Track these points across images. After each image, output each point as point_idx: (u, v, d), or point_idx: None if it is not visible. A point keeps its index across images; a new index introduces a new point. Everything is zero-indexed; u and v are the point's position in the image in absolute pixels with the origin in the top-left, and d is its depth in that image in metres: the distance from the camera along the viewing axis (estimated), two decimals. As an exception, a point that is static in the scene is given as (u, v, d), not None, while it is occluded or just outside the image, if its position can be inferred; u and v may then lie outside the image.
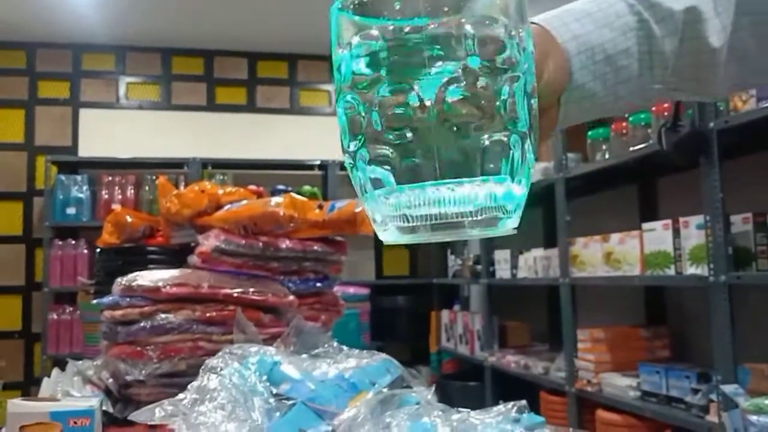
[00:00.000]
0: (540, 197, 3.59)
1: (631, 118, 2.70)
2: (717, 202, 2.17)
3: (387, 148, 0.39)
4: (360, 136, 0.40)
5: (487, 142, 0.39)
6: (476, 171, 0.39)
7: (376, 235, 0.45)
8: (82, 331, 2.79)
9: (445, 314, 4.89)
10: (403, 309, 5.14)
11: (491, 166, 0.39)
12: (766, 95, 2.01)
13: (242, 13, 4.70)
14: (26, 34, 4.90)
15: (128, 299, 1.21)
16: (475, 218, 0.39)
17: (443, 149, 0.38)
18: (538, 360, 3.53)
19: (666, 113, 2.45)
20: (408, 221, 0.39)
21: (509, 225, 0.41)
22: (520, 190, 0.41)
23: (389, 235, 0.41)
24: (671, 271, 2.44)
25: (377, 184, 0.40)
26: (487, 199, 0.39)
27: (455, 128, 0.38)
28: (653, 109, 2.58)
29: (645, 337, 2.94)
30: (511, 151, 0.39)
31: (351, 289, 4.40)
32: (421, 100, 0.38)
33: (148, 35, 5.03)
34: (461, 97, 0.38)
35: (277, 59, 5.48)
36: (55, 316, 4.49)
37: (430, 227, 0.39)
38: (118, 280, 1.27)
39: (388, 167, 0.39)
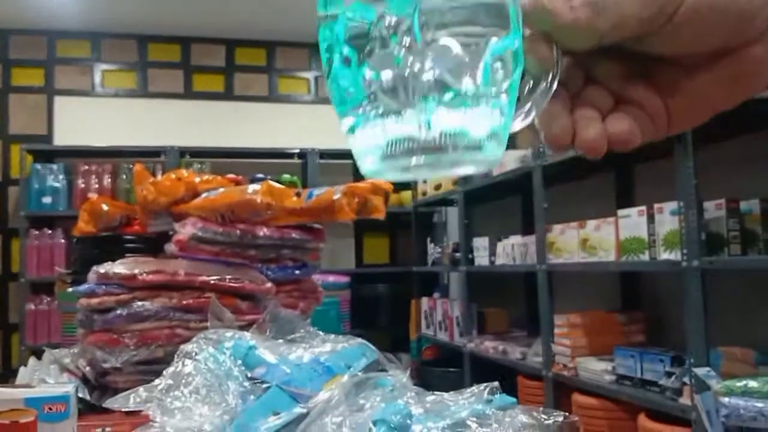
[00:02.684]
0: (518, 185, 3.62)
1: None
2: (691, 188, 2.20)
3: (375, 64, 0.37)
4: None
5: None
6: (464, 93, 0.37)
7: (355, 223, 0.43)
8: (60, 321, 2.77)
9: (425, 302, 4.92)
10: (383, 297, 5.16)
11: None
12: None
13: (220, -1, 4.66)
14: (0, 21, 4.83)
15: (104, 287, 1.20)
16: (459, 142, 0.37)
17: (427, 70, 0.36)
18: (516, 345, 3.56)
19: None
20: (389, 148, 0.37)
21: (493, 152, 0.39)
22: (500, 117, 0.39)
23: (370, 165, 0.39)
24: (645, 257, 2.47)
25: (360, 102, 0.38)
26: (473, 123, 0.37)
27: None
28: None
29: (620, 322, 2.98)
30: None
31: (331, 278, 4.40)
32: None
33: (124, 22, 4.98)
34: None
35: (256, 46, 5.45)
36: (32, 307, 4.46)
37: (409, 152, 0.37)
38: (95, 268, 1.26)
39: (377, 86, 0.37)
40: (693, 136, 2.20)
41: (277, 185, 1.53)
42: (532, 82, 0.42)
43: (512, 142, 3.60)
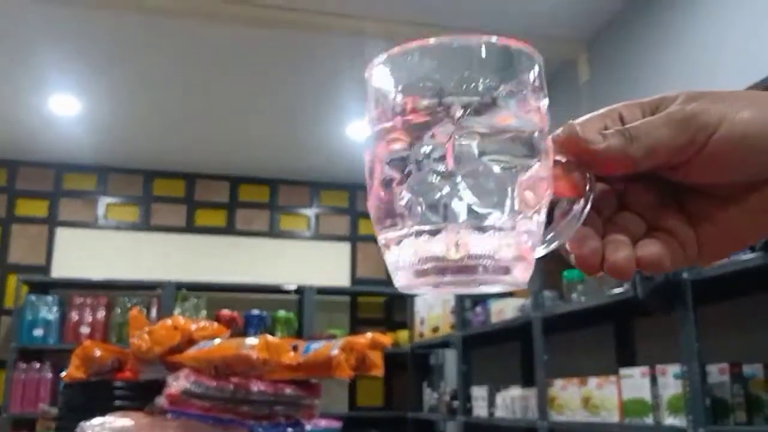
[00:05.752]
0: (517, 331, 3.57)
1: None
2: (693, 352, 2.17)
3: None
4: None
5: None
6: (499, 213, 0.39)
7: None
8: (39, 463, 2.65)
9: (420, 450, 4.73)
10: (377, 444, 4.97)
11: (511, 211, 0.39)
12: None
13: (225, 137, 4.81)
14: (8, 152, 4.95)
15: (89, 451, 1.15)
16: (488, 264, 0.38)
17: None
18: (514, 504, 3.39)
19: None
20: (421, 265, 0.39)
21: (522, 275, 0.40)
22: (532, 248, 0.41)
23: (403, 280, 0.40)
24: (650, 420, 2.40)
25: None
26: (501, 247, 0.39)
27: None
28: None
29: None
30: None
31: (323, 422, 4.26)
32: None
33: (131, 157, 5.11)
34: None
35: (259, 183, 5.55)
36: (11, 443, 4.29)
37: (440, 271, 0.39)
38: (82, 425, 1.21)
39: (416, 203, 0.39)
40: (693, 299, 2.19)
41: (274, 339, 1.50)
42: (564, 207, 0.43)
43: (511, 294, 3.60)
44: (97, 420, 1.21)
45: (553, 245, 0.43)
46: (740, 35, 2.65)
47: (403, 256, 0.40)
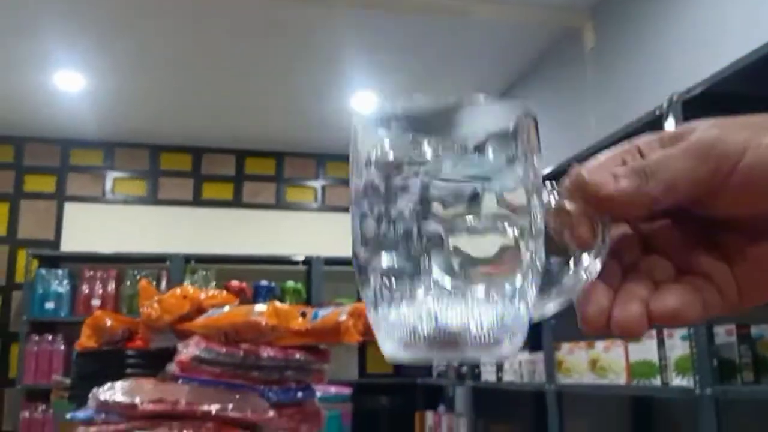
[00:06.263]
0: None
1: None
2: (700, 312, 2.17)
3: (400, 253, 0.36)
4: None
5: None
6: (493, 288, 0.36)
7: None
8: (54, 432, 2.70)
9: (430, 416, 4.78)
10: (386, 410, 5.02)
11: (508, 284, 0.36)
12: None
13: (230, 110, 4.80)
14: (15, 129, 4.96)
15: (104, 415, 1.17)
16: (479, 336, 0.36)
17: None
18: (523, 467, 3.44)
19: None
20: (406, 334, 0.37)
21: (510, 349, 0.37)
22: (527, 313, 0.38)
23: (388, 349, 0.38)
24: (657, 382, 2.41)
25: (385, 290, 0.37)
26: (495, 318, 0.36)
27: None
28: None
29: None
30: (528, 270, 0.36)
31: (333, 389, 4.30)
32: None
33: (138, 132, 5.11)
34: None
35: (265, 156, 5.55)
36: (27, 415, 4.35)
37: (429, 342, 0.36)
38: (94, 392, 1.23)
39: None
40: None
41: (283, 306, 1.51)
42: (570, 262, 0.39)
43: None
44: (109, 385, 1.23)
45: (557, 308, 0.40)
46: (745, 1, 2.62)
47: (386, 323, 0.37)
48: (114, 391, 1.20)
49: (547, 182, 0.40)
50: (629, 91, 3.19)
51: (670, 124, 2.30)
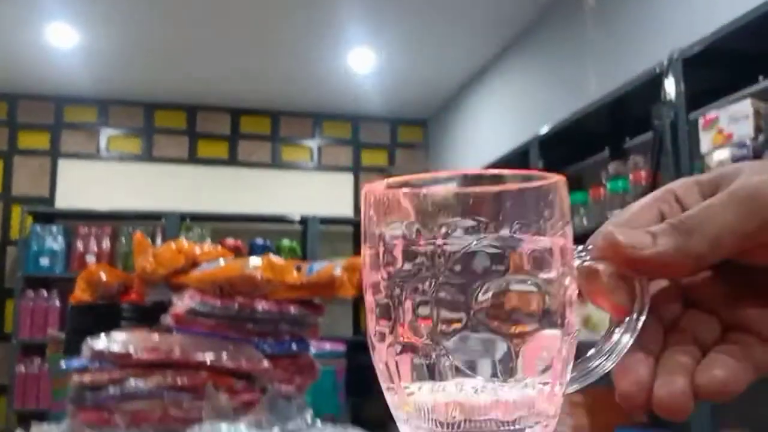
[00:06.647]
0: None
1: (608, 185, 2.74)
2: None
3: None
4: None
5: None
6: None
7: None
8: (50, 386, 2.72)
9: (423, 374, 4.83)
10: (380, 367, 5.06)
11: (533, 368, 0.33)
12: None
13: (226, 68, 4.75)
14: (8, 85, 4.90)
15: (98, 364, 1.18)
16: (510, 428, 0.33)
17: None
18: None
19: (643, 182, 2.48)
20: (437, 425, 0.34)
21: None
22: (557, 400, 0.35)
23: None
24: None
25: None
26: (525, 406, 0.33)
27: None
28: (630, 176, 2.62)
29: (623, 403, 2.92)
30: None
31: (327, 345, 4.34)
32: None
33: (132, 89, 5.05)
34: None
35: (260, 114, 5.51)
36: (22, 369, 4.38)
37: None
38: (89, 342, 1.24)
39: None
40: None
41: (278, 260, 1.51)
42: (606, 332, 0.36)
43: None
44: (104, 335, 1.23)
45: (590, 380, 0.36)
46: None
47: (402, 410, 0.35)
48: (108, 341, 1.20)
49: (576, 246, 0.36)
50: (629, 49, 3.16)
51: (669, 83, 2.28)
